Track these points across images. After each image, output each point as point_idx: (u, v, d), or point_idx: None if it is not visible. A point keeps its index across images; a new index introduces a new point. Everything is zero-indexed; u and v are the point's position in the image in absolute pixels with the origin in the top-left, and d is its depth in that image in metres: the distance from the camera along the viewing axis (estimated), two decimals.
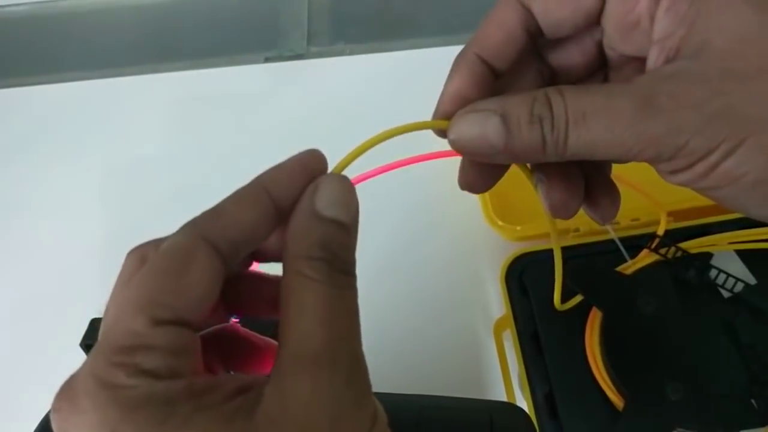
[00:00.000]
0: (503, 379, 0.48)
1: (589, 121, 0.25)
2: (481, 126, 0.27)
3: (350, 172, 0.38)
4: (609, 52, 0.30)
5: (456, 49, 0.71)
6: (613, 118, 0.25)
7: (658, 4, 0.27)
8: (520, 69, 0.31)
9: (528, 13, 0.29)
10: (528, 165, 0.31)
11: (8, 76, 0.74)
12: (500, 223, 0.53)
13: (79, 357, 0.40)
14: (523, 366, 0.47)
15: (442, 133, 0.29)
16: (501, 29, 0.29)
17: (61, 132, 0.68)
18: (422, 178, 0.56)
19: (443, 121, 0.29)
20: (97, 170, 0.66)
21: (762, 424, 0.43)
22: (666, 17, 0.27)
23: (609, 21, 0.29)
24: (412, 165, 0.52)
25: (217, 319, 0.28)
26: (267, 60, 0.72)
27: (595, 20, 0.29)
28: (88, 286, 0.58)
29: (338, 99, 0.68)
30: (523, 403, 0.47)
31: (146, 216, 0.63)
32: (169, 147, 0.67)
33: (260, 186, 0.26)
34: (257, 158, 0.63)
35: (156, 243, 0.25)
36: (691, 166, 0.25)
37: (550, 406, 0.46)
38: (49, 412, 0.23)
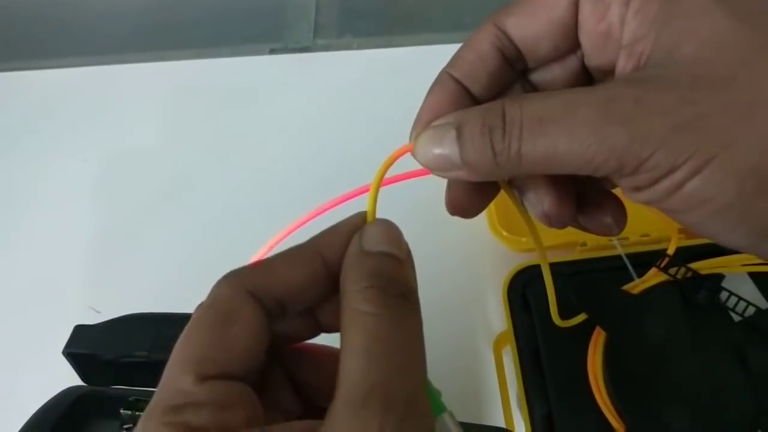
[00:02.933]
0: (501, 397, 0.47)
1: (545, 128, 0.23)
2: (439, 141, 0.25)
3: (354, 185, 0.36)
4: (591, 69, 0.29)
5: None
6: (572, 124, 0.23)
7: (628, 6, 0.25)
8: (503, 93, 0.29)
9: (501, 33, 0.28)
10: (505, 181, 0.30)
11: (7, 60, 0.72)
12: (505, 233, 0.52)
13: (62, 365, 0.39)
14: (522, 384, 0.46)
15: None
16: (473, 50, 0.28)
17: (59, 119, 0.67)
18: (426, 187, 0.54)
19: (411, 144, 0.27)
20: (94, 159, 0.64)
21: None
22: (635, 20, 0.25)
23: (583, 33, 0.27)
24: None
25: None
26: (272, 52, 0.70)
27: (571, 34, 0.27)
28: (74, 291, 0.57)
29: (344, 94, 0.66)
30: (521, 423, 0.45)
31: (143, 208, 0.62)
32: (168, 137, 0.65)
33: (313, 247, 0.25)
34: (259, 151, 0.63)
35: None
36: (654, 183, 0.23)
37: (548, 427, 0.44)
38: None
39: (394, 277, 0.24)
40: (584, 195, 0.30)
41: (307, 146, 0.63)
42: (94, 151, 0.65)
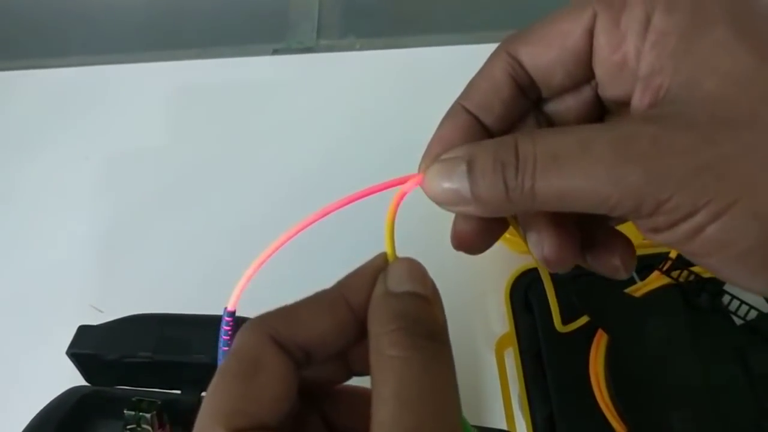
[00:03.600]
0: (503, 399, 0.47)
1: (560, 166, 0.22)
2: (449, 175, 0.25)
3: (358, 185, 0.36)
4: (604, 99, 0.28)
5: (471, 48, 0.69)
6: (587, 162, 0.22)
7: (644, 38, 0.24)
8: (517, 124, 0.28)
9: (515, 61, 0.27)
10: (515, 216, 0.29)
11: (10, 59, 0.72)
12: (508, 235, 0.52)
13: (66, 365, 0.39)
14: (524, 386, 0.46)
15: None
16: (486, 79, 0.27)
17: (62, 118, 0.67)
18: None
19: (420, 175, 0.27)
20: (97, 158, 0.64)
21: None
22: (652, 52, 0.24)
23: (597, 63, 0.26)
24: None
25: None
26: (275, 52, 0.70)
27: (586, 63, 0.26)
28: (76, 290, 0.57)
29: (347, 95, 0.66)
30: (523, 424, 0.45)
31: (146, 207, 0.62)
32: (171, 137, 0.65)
33: (338, 292, 0.25)
34: (262, 151, 0.63)
35: None
36: (673, 225, 0.22)
37: (549, 429, 0.45)
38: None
39: (421, 317, 0.23)
40: (591, 234, 0.28)
41: (310, 146, 0.63)
42: (97, 150, 0.65)
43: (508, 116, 0.28)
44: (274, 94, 0.67)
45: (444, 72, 0.65)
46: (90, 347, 0.38)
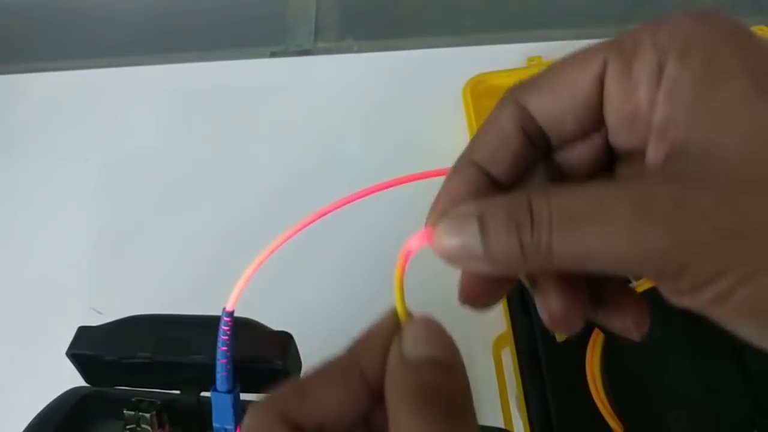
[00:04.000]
0: (500, 398, 0.47)
1: (577, 227, 0.22)
2: (460, 232, 0.24)
3: (355, 187, 0.37)
4: (616, 147, 0.27)
5: (468, 50, 0.69)
6: (606, 224, 0.21)
7: (658, 87, 0.23)
8: (526, 174, 0.27)
9: (524, 111, 0.26)
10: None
11: (11, 62, 0.73)
12: None
13: (66, 366, 0.39)
14: (521, 386, 0.46)
15: None
16: (494, 130, 0.26)
17: (61, 121, 0.67)
18: (425, 190, 0.55)
19: (427, 231, 0.26)
20: (96, 161, 0.65)
21: None
22: (666, 103, 0.23)
23: (609, 111, 0.25)
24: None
25: None
26: (273, 55, 0.70)
27: (597, 112, 0.26)
28: (76, 292, 0.57)
29: (345, 97, 0.67)
30: (520, 423, 0.46)
31: (145, 210, 0.62)
32: (170, 139, 0.66)
33: (350, 360, 0.24)
34: (260, 154, 0.63)
35: None
36: (698, 289, 0.21)
37: (547, 428, 0.45)
38: None
39: (441, 387, 0.22)
40: (602, 292, 0.27)
41: (308, 149, 0.64)
42: (96, 152, 0.65)
43: (517, 167, 0.27)
44: (272, 96, 0.67)
45: (441, 74, 0.66)
46: (90, 348, 0.38)
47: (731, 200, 0.21)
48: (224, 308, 0.35)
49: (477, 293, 0.27)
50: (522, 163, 0.27)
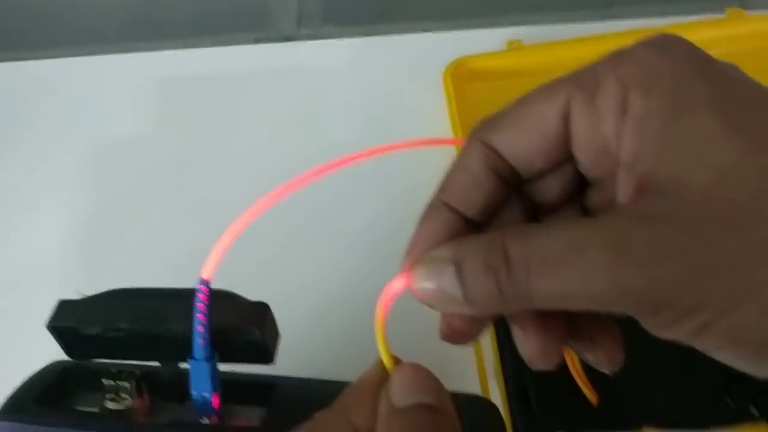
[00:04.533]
0: (478, 370, 0.48)
1: (553, 270, 0.22)
2: (437, 279, 0.24)
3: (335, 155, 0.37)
4: (587, 177, 0.27)
5: (449, 35, 0.70)
6: (582, 267, 0.22)
7: (623, 122, 0.24)
8: (499, 209, 0.28)
9: (492, 151, 0.26)
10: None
11: None
12: None
13: (46, 338, 0.39)
14: (498, 357, 0.47)
15: None
16: (464, 172, 0.27)
17: (40, 111, 0.68)
18: (412, 164, 0.55)
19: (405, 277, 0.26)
20: (78, 151, 0.65)
21: (735, 422, 0.43)
22: (633, 138, 0.23)
23: (576, 146, 0.26)
24: (402, 150, 0.50)
25: None
26: (256, 41, 0.71)
27: (565, 147, 0.26)
28: (62, 280, 0.58)
29: (328, 83, 0.67)
30: (497, 393, 0.46)
31: (129, 197, 0.62)
32: (154, 126, 0.66)
33: (341, 414, 0.25)
34: (243, 141, 0.64)
35: None
36: (677, 323, 0.22)
37: (523, 399, 0.46)
38: None
39: (432, 429, 0.23)
40: (579, 325, 0.28)
41: (292, 135, 0.64)
42: (78, 141, 0.65)
43: (490, 206, 0.27)
44: (255, 83, 0.67)
45: (422, 58, 0.66)
46: (70, 320, 0.38)
47: (704, 237, 0.21)
48: (200, 276, 0.35)
49: (458, 332, 0.27)
50: (494, 201, 0.27)
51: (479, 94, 0.62)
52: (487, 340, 0.48)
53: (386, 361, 0.25)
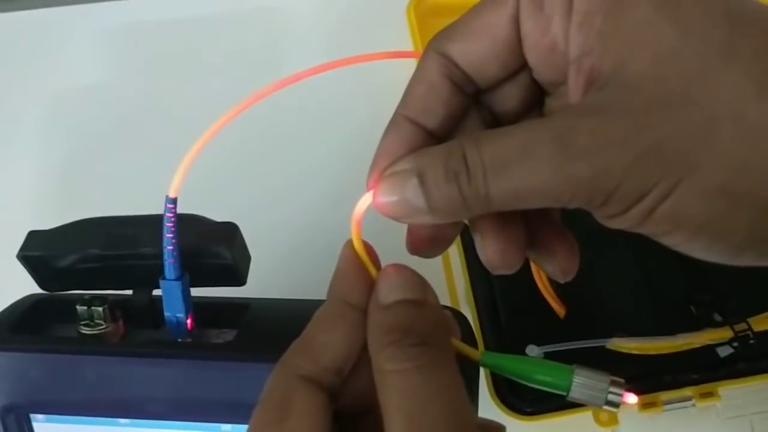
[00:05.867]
0: (448, 291, 0.49)
1: (508, 170, 0.23)
2: (400, 190, 0.25)
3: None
4: (541, 83, 0.28)
5: None
6: (533, 164, 0.22)
7: (569, 20, 0.24)
8: (460, 122, 0.28)
9: (448, 61, 0.27)
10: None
11: None
12: None
13: (17, 268, 0.40)
14: (467, 277, 0.48)
15: None
16: (422, 83, 0.27)
17: (4, 62, 0.67)
18: (383, 75, 0.55)
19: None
20: (45, 99, 0.64)
21: (698, 328, 0.44)
22: (579, 33, 0.24)
23: (528, 49, 0.26)
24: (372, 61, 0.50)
25: None
26: None
27: (517, 51, 0.26)
28: (31, 208, 0.58)
29: (290, 23, 0.67)
30: (469, 314, 0.47)
31: (96, 144, 0.62)
32: (119, 73, 0.65)
33: (337, 300, 0.26)
34: (210, 84, 0.63)
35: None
36: (626, 211, 0.23)
37: (493, 314, 0.47)
38: None
39: (413, 324, 0.24)
40: (536, 235, 0.28)
41: (259, 75, 0.64)
42: (45, 89, 0.65)
43: (450, 117, 0.27)
44: (220, 25, 0.67)
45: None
46: (40, 249, 0.38)
47: (645, 123, 0.22)
48: (167, 195, 0.35)
49: (425, 243, 0.28)
50: (454, 112, 0.27)
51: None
52: (457, 264, 0.49)
53: (371, 272, 0.26)
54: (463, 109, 0.28)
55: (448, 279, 0.49)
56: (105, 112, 0.64)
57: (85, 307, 0.38)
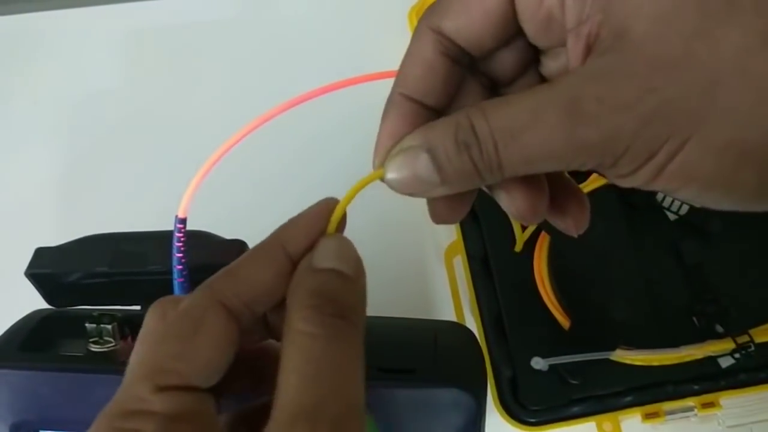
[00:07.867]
0: (453, 304, 0.49)
1: (518, 138, 0.23)
2: (412, 166, 0.25)
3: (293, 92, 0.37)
4: (538, 47, 0.28)
5: None
6: (543, 131, 0.23)
7: None
8: (458, 92, 0.28)
9: (442, 37, 0.27)
10: None
11: None
12: None
13: (24, 286, 0.40)
14: (472, 289, 0.48)
15: None
16: (418, 61, 0.27)
17: (13, 65, 0.66)
18: (375, 97, 0.55)
19: (379, 171, 0.26)
20: (53, 103, 0.64)
21: (702, 340, 0.44)
22: (575, 3, 0.24)
23: (523, 20, 0.26)
24: (363, 84, 0.50)
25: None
26: None
27: (512, 21, 0.26)
28: (36, 234, 0.57)
29: (296, 26, 0.66)
30: (474, 326, 0.48)
31: (103, 150, 0.62)
32: (125, 79, 0.65)
33: (276, 243, 0.26)
34: (217, 91, 0.63)
35: (177, 300, 0.25)
36: (636, 170, 0.23)
37: (498, 327, 0.47)
38: None
39: (337, 296, 0.24)
40: (552, 197, 0.28)
41: (264, 80, 0.64)
42: (53, 93, 0.64)
43: (448, 90, 0.27)
44: (226, 31, 0.67)
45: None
46: (48, 266, 0.39)
47: (649, 86, 0.22)
48: (176, 215, 0.36)
49: (446, 211, 0.28)
50: (451, 84, 0.27)
51: None
52: (462, 275, 0.49)
53: (332, 225, 0.26)
54: (460, 79, 0.28)
55: (453, 292, 0.49)
56: (115, 116, 0.63)
57: (95, 325, 0.38)
